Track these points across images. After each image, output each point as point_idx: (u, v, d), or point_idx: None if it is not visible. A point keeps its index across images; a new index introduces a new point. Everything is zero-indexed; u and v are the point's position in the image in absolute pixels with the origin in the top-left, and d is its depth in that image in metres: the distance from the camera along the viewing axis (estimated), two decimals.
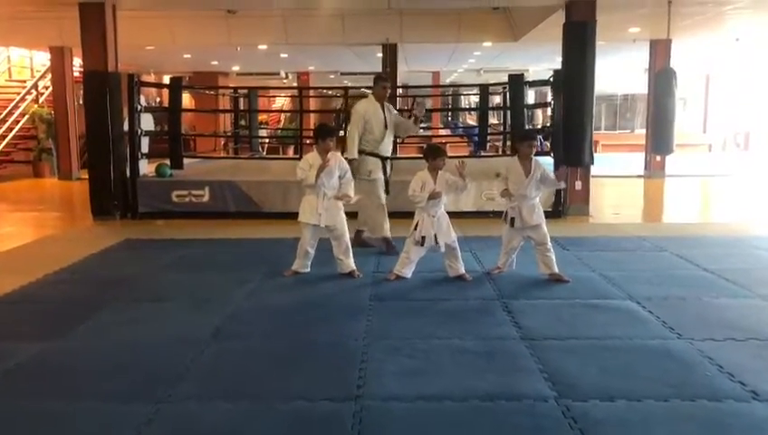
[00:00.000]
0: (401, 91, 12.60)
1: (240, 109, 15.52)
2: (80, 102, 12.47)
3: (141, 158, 8.99)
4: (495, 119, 17.94)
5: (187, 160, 10.33)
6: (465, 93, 23.82)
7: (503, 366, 3.57)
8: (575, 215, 8.67)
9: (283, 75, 20.85)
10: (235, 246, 6.88)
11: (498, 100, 15.58)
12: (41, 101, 15.51)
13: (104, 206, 8.69)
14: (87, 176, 8.91)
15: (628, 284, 5.14)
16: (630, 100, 25.51)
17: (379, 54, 13.36)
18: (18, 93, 15.31)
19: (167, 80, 12.29)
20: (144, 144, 9.13)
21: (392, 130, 6.38)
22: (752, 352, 3.73)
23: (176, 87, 10.11)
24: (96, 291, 5.14)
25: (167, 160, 9.56)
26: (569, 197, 8.67)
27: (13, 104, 14.92)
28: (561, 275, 5.28)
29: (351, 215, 5.83)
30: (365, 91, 16.22)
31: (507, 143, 12.07)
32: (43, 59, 15.57)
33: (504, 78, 11.34)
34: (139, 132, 8.86)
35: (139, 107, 8.90)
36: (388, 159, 6.44)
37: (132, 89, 8.80)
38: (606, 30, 8.80)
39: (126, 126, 8.80)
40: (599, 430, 2.86)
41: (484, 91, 13.09)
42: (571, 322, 4.31)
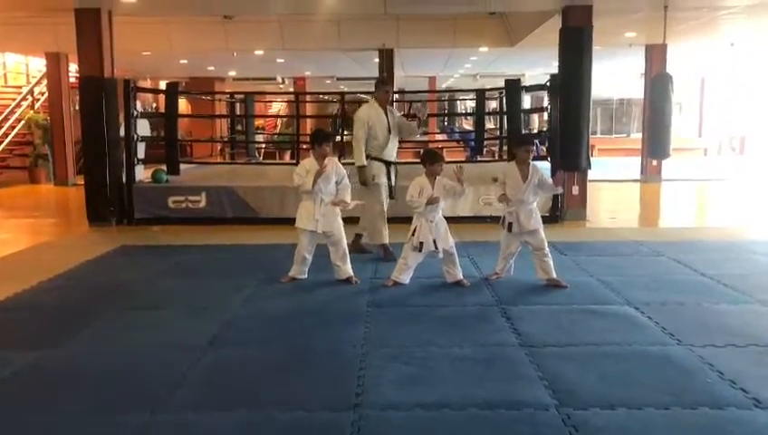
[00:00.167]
0: (398, 96, 12.56)
1: (236, 114, 15.47)
2: (76, 108, 12.41)
3: (137, 163, 8.95)
4: (492, 123, 17.93)
5: (183, 166, 10.31)
6: (462, 98, 23.83)
7: (502, 374, 3.54)
8: (572, 219, 8.66)
9: (280, 80, 20.84)
10: (232, 252, 6.85)
11: (494, 105, 15.58)
12: (37, 106, 15.48)
13: (100, 212, 8.64)
14: (83, 182, 8.87)
15: (626, 289, 5.12)
16: (626, 104, 25.56)
17: (376, 60, 13.36)
18: (14, 99, 15.28)
19: (163, 85, 12.26)
20: (140, 150, 9.09)
21: (396, 134, 6.32)
22: (753, 358, 3.71)
23: (172, 92, 10.09)
24: (91, 298, 5.11)
25: (163, 166, 9.53)
26: (566, 201, 8.67)
27: (8, 110, 14.90)
28: (559, 280, 5.26)
29: (349, 220, 5.80)
30: (361, 96, 16.20)
31: (504, 148, 12.05)
32: (38, 65, 15.54)
33: (500, 83, 11.34)
34: (135, 138, 8.82)
35: (135, 112, 8.87)
36: (392, 164, 6.36)
37: (128, 94, 8.77)
38: (602, 35, 8.81)
39: (122, 132, 8.77)
40: None
41: (481, 95, 13.09)
42: (569, 328, 4.29)
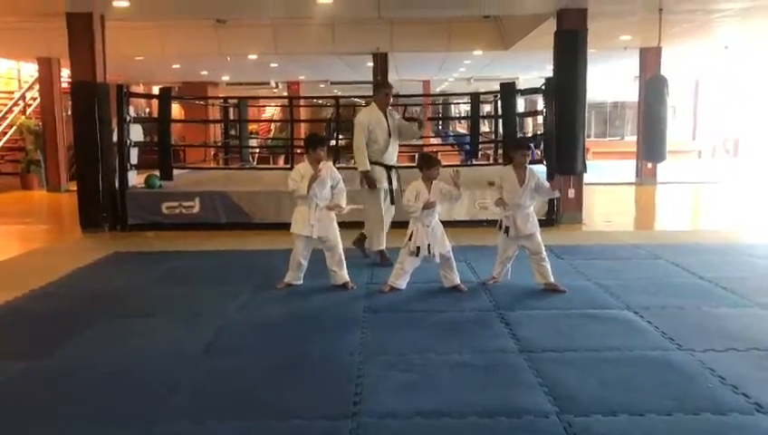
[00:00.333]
0: (392, 100, 12.54)
1: (230, 119, 15.45)
2: (68, 113, 12.35)
3: (130, 169, 8.88)
4: (486, 127, 17.92)
5: (176, 171, 10.23)
6: (456, 102, 23.82)
7: (501, 380, 3.49)
8: (568, 223, 8.63)
9: (274, 85, 20.79)
10: (227, 258, 6.79)
11: (488, 108, 15.57)
12: (28, 112, 15.37)
13: (93, 218, 8.56)
14: (76, 188, 8.79)
15: (624, 293, 5.08)
16: (620, 107, 25.63)
17: (370, 63, 13.33)
18: (5, 105, 15.16)
19: (156, 90, 12.21)
20: (133, 155, 9.02)
21: (396, 137, 6.22)
22: (754, 362, 3.68)
23: (165, 97, 10.02)
24: (84, 306, 5.04)
25: (156, 171, 9.46)
26: (562, 205, 8.64)
27: (0, 116, 14.76)
28: (557, 284, 5.22)
29: (347, 226, 5.76)
30: (356, 100, 16.14)
31: (499, 152, 12.03)
32: (30, 70, 15.44)
33: (495, 86, 11.32)
34: (128, 143, 8.76)
35: (128, 118, 8.80)
36: (393, 168, 6.25)
37: (121, 99, 8.70)
38: (597, 38, 8.80)
39: (115, 137, 8.70)
40: None
41: (476, 99, 13.07)
42: (568, 333, 4.25)
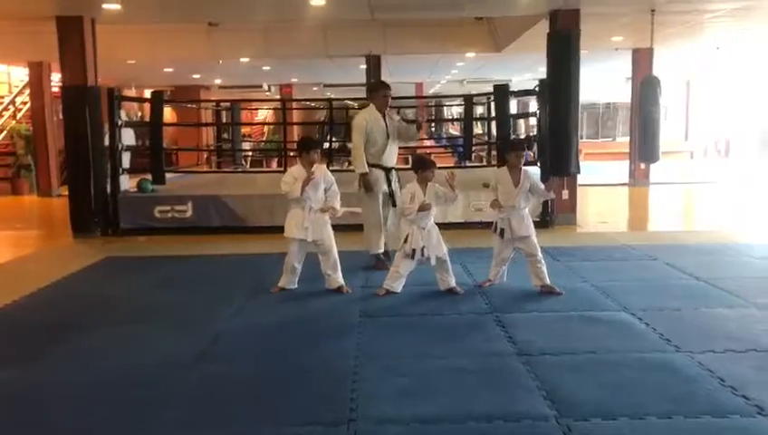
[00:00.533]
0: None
1: (222, 122, 15.37)
2: (59, 118, 12.26)
3: (122, 173, 8.80)
4: (479, 129, 17.90)
5: (169, 175, 10.16)
6: (449, 104, 23.81)
7: (499, 384, 3.46)
8: (563, 224, 8.61)
9: (266, 88, 20.73)
10: (220, 263, 6.74)
11: (481, 110, 15.56)
12: (19, 116, 15.27)
13: (85, 223, 8.48)
14: (67, 192, 8.71)
15: (621, 294, 5.06)
16: (612, 108, 25.68)
17: (363, 66, 13.29)
18: None
19: (148, 94, 12.15)
20: (125, 159, 8.95)
21: (395, 139, 6.14)
22: (753, 363, 3.65)
23: (157, 101, 9.95)
24: (74, 312, 4.97)
25: (148, 175, 9.39)
26: (556, 206, 8.62)
27: None
28: (553, 286, 5.18)
29: (340, 228, 5.71)
30: (349, 102, 16.12)
31: (493, 153, 12.01)
32: (21, 74, 15.33)
33: (487, 88, 11.30)
34: (119, 147, 8.69)
35: (119, 121, 8.73)
36: (393, 170, 6.17)
37: (112, 103, 8.63)
38: (589, 39, 8.79)
39: (106, 141, 8.63)
40: None
41: (469, 101, 13.05)
42: (566, 335, 4.22)
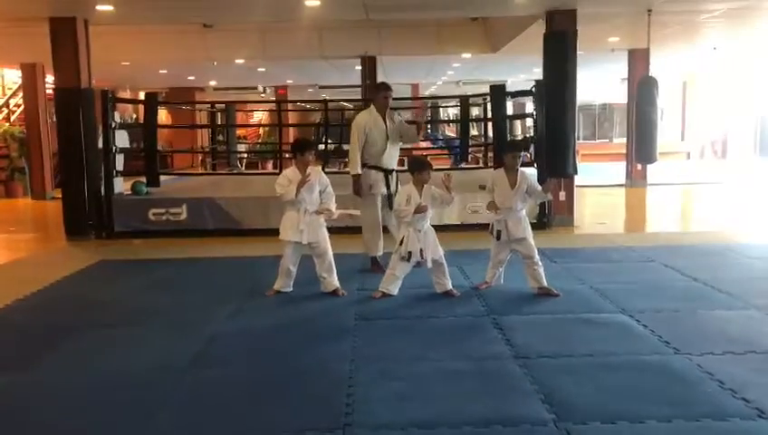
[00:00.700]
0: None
1: (218, 124, 15.31)
2: (53, 120, 12.20)
3: (116, 175, 8.75)
4: (475, 130, 17.89)
5: (163, 177, 10.11)
6: (445, 105, 23.78)
7: (497, 388, 3.41)
8: (560, 226, 8.58)
9: (261, 89, 20.67)
10: (215, 266, 6.68)
11: (478, 111, 15.53)
12: (13, 119, 15.19)
13: (78, 226, 8.42)
14: (61, 195, 8.64)
15: (619, 296, 5.02)
16: (608, 109, 25.68)
17: (358, 67, 13.26)
18: None
19: (142, 96, 12.10)
20: (119, 161, 8.89)
21: (395, 140, 6.05)
22: (752, 366, 3.61)
23: (151, 103, 9.90)
24: (68, 316, 4.91)
25: (143, 178, 9.34)
26: (553, 207, 8.58)
27: None
28: (551, 288, 5.14)
29: (334, 231, 5.66)
30: (344, 104, 16.03)
31: (489, 155, 11.97)
32: (14, 76, 15.26)
33: (483, 89, 11.28)
34: (113, 149, 8.63)
35: (113, 123, 8.67)
36: (392, 172, 6.07)
37: (106, 105, 8.57)
38: (585, 39, 8.77)
39: (100, 143, 8.56)
40: None
41: (465, 102, 13.01)
42: (564, 338, 4.18)
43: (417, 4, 8.68)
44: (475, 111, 15.93)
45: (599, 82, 19.47)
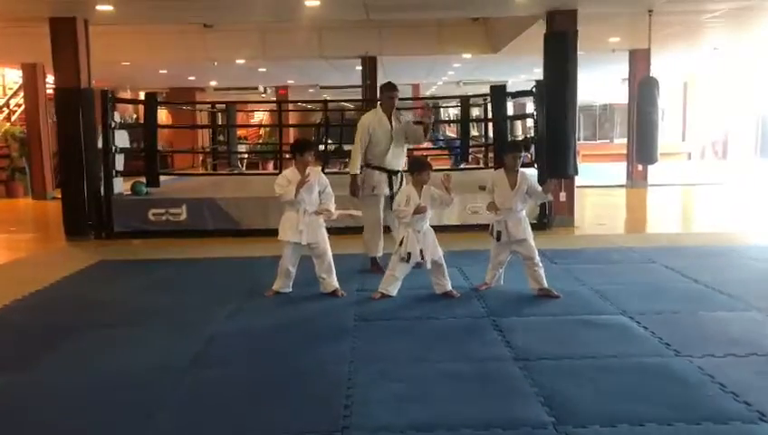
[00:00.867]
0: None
1: (218, 124, 15.30)
2: (53, 120, 12.18)
3: (116, 176, 8.73)
4: (475, 131, 17.88)
5: (163, 178, 10.10)
6: (446, 105, 23.76)
7: (496, 390, 3.39)
8: (560, 226, 8.56)
9: (262, 90, 20.65)
10: (214, 266, 6.67)
11: (478, 111, 15.51)
12: (13, 119, 15.18)
13: (78, 226, 8.41)
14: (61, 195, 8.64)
15: (619, 298, 5.00)
16: (609, 110, 25.64)
17: (359, 68, 13.25)
18: None
19: (143, 96, 12.10)
20: (119, 162, 8.88)
21: (400, 141, 5.98)
22: (754, 368, 3.59)
23: (151, 103, 9.89)
24: (67, 316, 4.90)
25: (143, 178, 9.32)
26: (554, 208, 8.56)
27: None
28: (551, 290, 5.12)
29: (333, 231, 5.65)
30: (345, 104, 15.98)
31: (490, 155, 11.96)
32: (15, 76, 15.25)
33: (484, 90, 11.26)
34: (113, 149, 8.61)
35: (113, 123, 8.66)
36: (397, 174, 6.03)
37: (106, 105, 8.55)
38: (586, 40, 8.75)
39: (100, 143, 8.55)
40: None
41: (466, 102, 13.00)
42: (564, 340, 4.16)
43: (418, 5, 8.67)
44: (475, 112, 15.92)
45: (600, 82, 19.45)
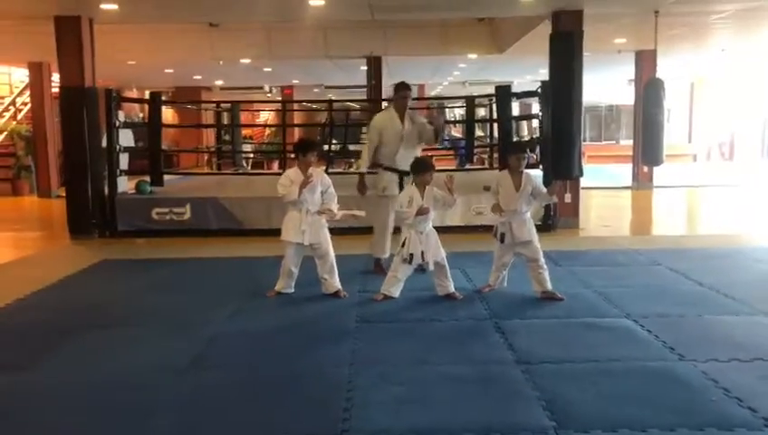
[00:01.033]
0: (387, 104, 12.45)
1: (223, 123, 15.31)
2: (59, 119, 12.22)
3: (120, 174, 8.73)
4: (480, 131, 17.84)
5: (168, 177, 10.10)
6: (451, 106, 23.70)
7: (497, 394, 3.36)
8: (565, 228, 8.51)
9: (267, 89, 20.67)
10: (217, 266, 6.65)
11: (483, 112, 15.47)
12: (19, 117, 15.22)
13: (82, 224, 8.42)
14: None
15: (624, 300, 4.95)
16: (615, 110, 25.56)
17: (364, 67, 13.23)
18: None
19: (148, 95, 12.09)
20: (123, 160, 8.88)
21: (410, 142, 5.91)
22: (759, 373, 3.54)
23: (155, 102, 9.89)
24: (68, 316, 4.89)
25: (147, 177, 9.32)
26: (558, 209, 8.51)
27: None
28: (555, 292, 5.08)
29: (336, 232, 5.62)
30: (350, 104, 15.93)
31: (495, 156, 11.92)
32: (22, 75, 15.28)
33: (489, 90, 11.22)
34: (117, 148, 8.61)
35: (117, 122, 8.66)
36: (409, 174, 5.84)
37: (110, 104, 8.56)
38: (592, 41, 8.71)
39: (104, 142, 8.55)
40: None
41: (471, 103, 12.95)
42: (566, 343, 4.12)
43: (423, 5, 8.64)
44: (480, 112, 15.88)
45: (606, 83, 19.38)
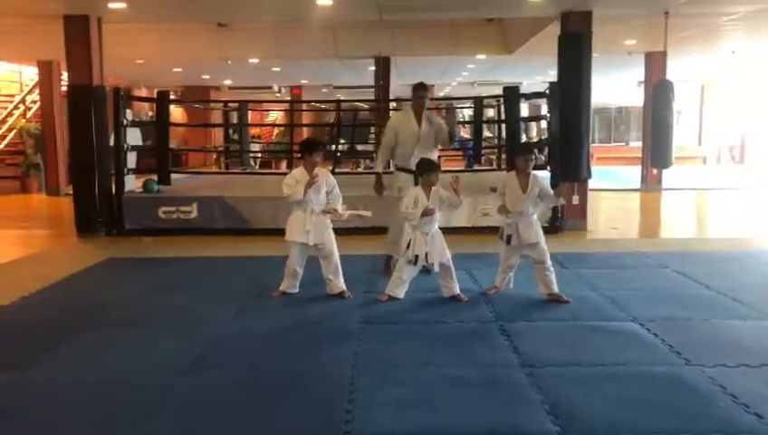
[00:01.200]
0: (395, 105, 12.46)
1: (232, 123, 15.34)
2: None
3: (127, 173, 8.74)
4: (489, 132, 17.78)
5: (176, 176, 10.11)
6: (459, 106, 23.67)
7: (501, 397, 3.33)
8: (572, 230, 8.45)
9: (276, 89, 20.69)
10: (222, 265, 6.65)
11: (492, 113, 15.42)
12: (29, 115, 15.30)
13: (89, 223, 8.44)
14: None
15: (630, 304, 4.91)
16: (625, 112, 25.44)
17: (372, 68, 13.21)
18: (6, 108, 15.08)
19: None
20: (131, 159, 8.89)
21: (427, 142, 5.84)
22: (766, 379, 3.50)
23: (163, 101, 9.90)
24: (72, 315, 4.88)
25: (154, 176, 9.34)
26: (566, 211, 8.46)
27: (0, 119, 14.69)
28: (561, 295, 5.05)
29: (340, 232, 5.60)
30: (358, 104, 15.91)
31: (502, 157, 11.87)
32: (31, 73, 15.36)
33: (498, 91, 11.17)
34: (125, 147, 8.63)
35: (125, 121, 8.67)
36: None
37: (118, 103, 8.57)
38: (602, 42, 8.66)
39: (112, 141, 8.57)
40: None
41: (479, 103, 12.91)
42: (572, 346, 4.08)
43: (431, 5, 8.61)
44: (489, 113, 15.83)
45: (616, 84, 19.29)
